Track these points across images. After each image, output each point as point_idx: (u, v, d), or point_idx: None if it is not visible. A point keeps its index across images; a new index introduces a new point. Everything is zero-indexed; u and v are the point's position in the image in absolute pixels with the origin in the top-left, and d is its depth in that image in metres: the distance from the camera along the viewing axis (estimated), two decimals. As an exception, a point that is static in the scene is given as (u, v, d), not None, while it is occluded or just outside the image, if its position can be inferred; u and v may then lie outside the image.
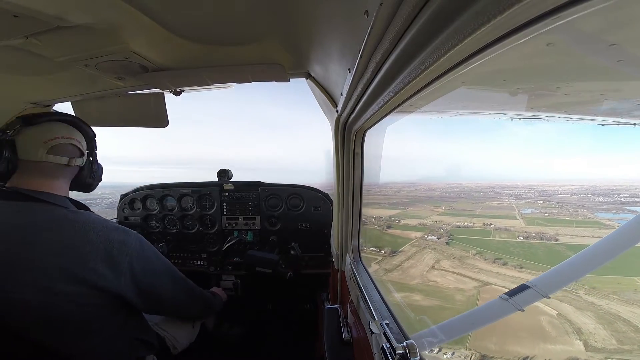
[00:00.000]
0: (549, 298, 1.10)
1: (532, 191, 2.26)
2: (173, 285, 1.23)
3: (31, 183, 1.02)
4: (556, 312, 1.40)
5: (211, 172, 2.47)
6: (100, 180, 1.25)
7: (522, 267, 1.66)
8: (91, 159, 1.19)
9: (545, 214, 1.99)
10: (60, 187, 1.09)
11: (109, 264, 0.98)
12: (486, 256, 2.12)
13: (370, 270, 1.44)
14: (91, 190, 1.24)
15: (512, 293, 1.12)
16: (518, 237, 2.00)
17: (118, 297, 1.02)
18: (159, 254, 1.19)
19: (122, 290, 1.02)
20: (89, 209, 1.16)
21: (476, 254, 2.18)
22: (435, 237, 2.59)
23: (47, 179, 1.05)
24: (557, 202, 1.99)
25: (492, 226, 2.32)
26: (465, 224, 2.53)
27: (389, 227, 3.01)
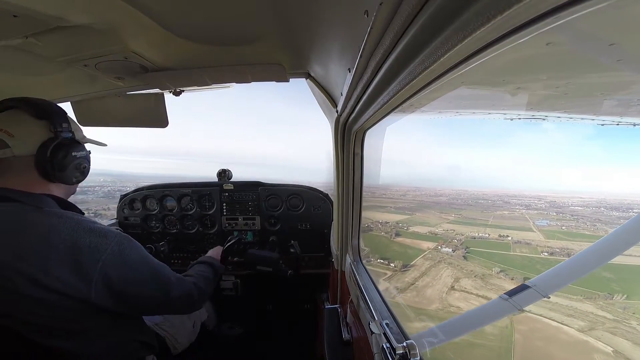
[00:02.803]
0: (549, 298, 1.10)
1: (541, 202, 2.10)
2: (162, 292, 1.09)
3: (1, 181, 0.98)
4: (612, 349, 1.19)
5: (215, 165, 2.43)
6: (68, 169, 1.04)
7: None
8: (51, 145, 0.99)
9: (563, 227, 1.80)
10: (29, 184, 0.99)
11: (76, 271, 0.89)
12: (512, 275, 1.84)
13: (371, 272, 1.43)
14: (68, 183, 1.07)
15: (512, 293, 1.12)
16: (542, 252, 1.79)
17: (92, 304, 0.94)
18: (146, 257, 1.07)
19: (95, 299, 0.92)
20: (75, 209, 1.07)
21: (500, 271, 1.91)
22: (450, 250, 2.33)
23: (7, 175, 0.98)
24: (571, 215, 1.81)
25: (509, 238, 2.06)
26: (480, 234, 2.27)
27: (397, 234, 2.74)
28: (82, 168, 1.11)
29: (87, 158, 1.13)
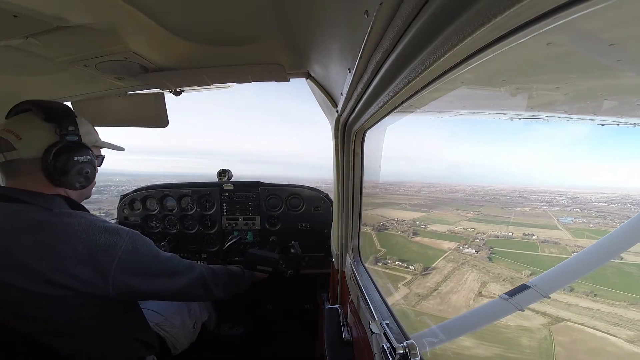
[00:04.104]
0: (549, 298, 1.09)
1: (562, 198, 1.98)
2: (173, 280, 1.13)
3: (11, 182, 1.01)
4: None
5: (229, 163, 2.41)
6: (69, 174, 1.02)
7: (595, 295, 1.25)
8: (57, 149, 0.99)
9: (590, 225, 1.66)
10: (39, 185, 1.00)
11: (93, 269, 0.93)
12: (544, 279, 1.67)
13: (371, 271, 1.43)
14: (71, 187, 1.05)
15: (512, 293, 1.12)
16: (572, 252, 1.63)
17: (108, 300, 0.99)
18: (158, 253, 1.11)
19: (112, 295, 0.97)
20: (84, 209, 1.10)
21: (531, 274, 1.73)
22: (474, 250, 2.15)
23: (18, 177, 1.00)
24: (597, 212, 1.68)
25: (534, 237, 1.90)
26: (503, 233, 2.10)
27: (415, 233, 2.57)
28: (85, 173, 1.07)
29: (91, 163, 1.09)
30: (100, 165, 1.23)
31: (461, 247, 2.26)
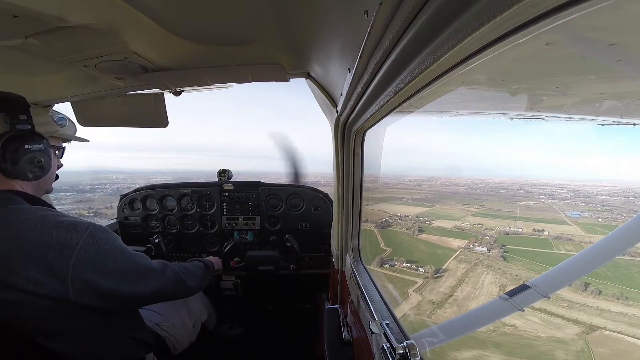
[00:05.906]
0: (549, 298, 1.09)
1: (564, 191, 1.91)
2: (147, 279, 1.04)
3: None
4: None
5: (229, 160, 2.39)
6: (20, 163, 0.98)
7: (627, 298, 1.18)
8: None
9: (600, 220, 1.58)
10: None
11: (46, 270, 0.84)
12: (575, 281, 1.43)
13: (371, 272, 1.43)
14: (23, 178, 1.00)
15: (512, 293, 1.12)
16: None
17: (74, 304, 0.88)
18: (123, 247, 1.00)
19: (75, 298, 0.87)
20: (45, 204, 1.03)
21: None
22: (485, 249, 2.01)
23: None
24: (602, 205, 1.61)
25: (545, 233, 1.80)
26: (512, 229, 1.98)
27: (420, 230, 2.40)
28: (38, 162, 1.01)
29: (44, 152, 1.03)
30: (61, 157, 1.19)
31: (471, 245, 2.14)
